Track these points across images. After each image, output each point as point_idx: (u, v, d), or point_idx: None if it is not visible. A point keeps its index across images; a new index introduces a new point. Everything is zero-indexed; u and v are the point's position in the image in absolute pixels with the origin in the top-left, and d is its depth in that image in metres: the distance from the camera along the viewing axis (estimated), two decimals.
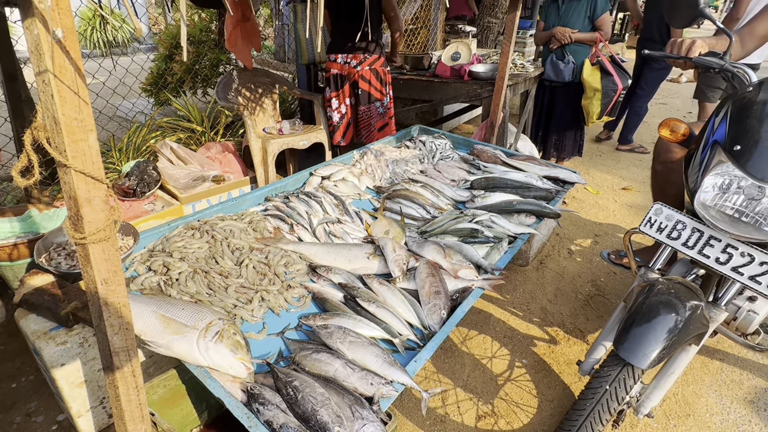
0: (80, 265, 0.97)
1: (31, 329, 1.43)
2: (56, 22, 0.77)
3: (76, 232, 0.92)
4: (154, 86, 4.20)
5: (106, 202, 0.93)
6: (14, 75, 2.25)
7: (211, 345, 1.22)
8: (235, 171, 3.14)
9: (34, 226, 2.17)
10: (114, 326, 1.02)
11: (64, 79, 0.81)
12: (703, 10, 1.27)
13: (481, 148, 2.76)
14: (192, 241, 1.73)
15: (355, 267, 1.76)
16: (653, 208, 1.27)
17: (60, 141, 0.84)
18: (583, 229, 3.07)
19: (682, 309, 1.16)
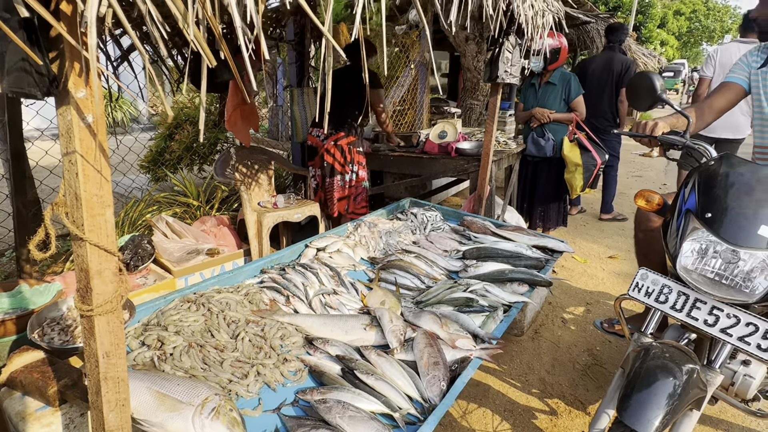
0: (83, 338, 0.98)
1: (15, 410, 1.37)
2: (88, 110, 0.85)
3: (83, 304, 0.94)
4: (152, 163, 4.35)
5: (115, 275, 0.96)
6: (21, 153, 2.34)
7: (207, 422, 1.19)
8: (230, 244, 3.18)
9: (23, 301, 2.14)
10: (111, 402, 1.00)
11: (89, 159, 0.87)
12: (661, 96, 1.44)
13: (470, 219, 2.87)
14: (188, 314, 1.72)
15: (352, 338, 1.75)
16: (639, 273, 1.33)
17: (79, 215, 0.89)
18: (575, 298, 3.10)
19: (679, 373, 1.17)
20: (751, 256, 1.14)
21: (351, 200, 3.34)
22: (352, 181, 3.31)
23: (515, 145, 3.81)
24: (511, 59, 2.74)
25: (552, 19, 2.58)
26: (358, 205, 3.38)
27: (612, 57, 4.36)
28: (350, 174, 3.27)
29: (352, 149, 3.25)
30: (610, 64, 4.32)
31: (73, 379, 1.38)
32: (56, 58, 0.81)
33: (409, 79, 5.37)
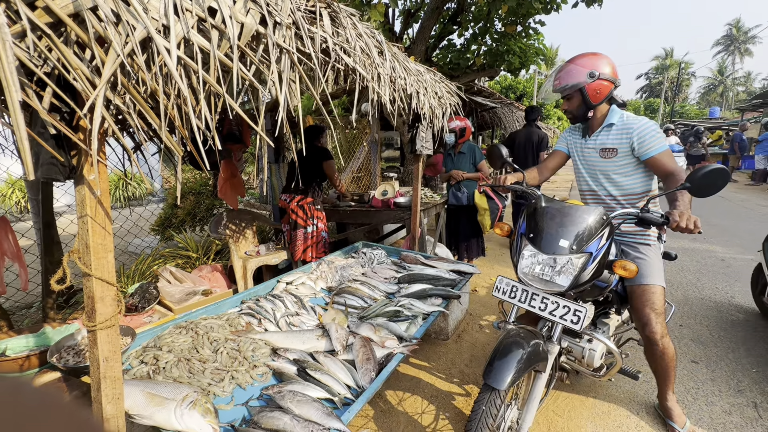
0: (89, 348, 1.09)
1: None
2: (96, 187, 1.03)
3: (89, 322, 1.06)
4: (161, 226, 4.40)
5: (114, 300, 1.09)
6: (51, 223, 2.42)
7: (186, 411, 1.27)
8: (221, 286, 3.24)
9: (47, 340, 2.14)
10: (108, 396, 1.09)
11: (97, 219, 1.03)
12: (507, 160, 1.76)
13: (406, 254, 3.07)
14: (179, 336, 1.80)
15: (307, 347, 1.86)
16: (498, 278, 1.55)
17: (88, 258, 1.03)
18: (490, 309, 3.29)
19: (525, 344, 1.36)
20: (560, 260, 1.37)
21: (314, 247, 3.49)
22: (314, 232, 3.47)
23: (439, 197, 4.12)
24: (425, 136, 3.07)
25: (451, 109, 2.96)
26: (319, 251, 3.53)
27: (531, 131, 4.75)
28: (312, 227, 3.44)
29: (312, 207, 3.45)
30: (530, 136, 4.70)
31: (83, 392, 1.43)
32: (76, 154, 0.99)
33: (363, 153, 5.74)
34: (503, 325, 1.58)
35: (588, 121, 1.87)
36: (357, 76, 1.46)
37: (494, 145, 1.81)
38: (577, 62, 1.73)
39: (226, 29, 1.01)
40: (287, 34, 1.16)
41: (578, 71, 1.72)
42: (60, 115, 0.90)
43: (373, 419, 1.96)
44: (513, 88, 23.05)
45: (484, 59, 5.41)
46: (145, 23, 0.85)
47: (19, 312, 2.95)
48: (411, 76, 2.04)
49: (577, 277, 1.37)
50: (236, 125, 3.40)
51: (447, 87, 2.90)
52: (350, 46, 1.38)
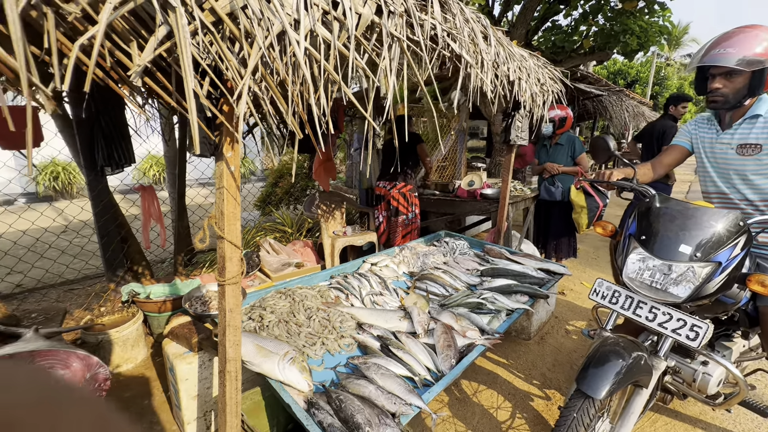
0: (218, 300, 1.29)
1: (171, 351, 1.72)
2: (232, 163, 1.19)
3: (220, 277, 1.25)
4: (262, 203, 4.92)
5: (239, 261, 1.27)
6: (183, 194, 2.87)
7: (287, 366, 1.44)
8: (311, 260, 3.52)
9: (177, 290, 2.58)
10: (231, 341, 1.29)
11: (230, 191, 1.21)
12: (614, 153, 1.57)
13: (490, 247, 2.99)
14: (279, 301, 2.02)
15: (390, 326, 1.95)
16: (596, 282, 1.43)
17: (222, 224, 1.22)
18: (579, 314, 3.05)
19: (627, 356, 1.25)
20: (677, 267, 1.22)
21: (412, 234, 3.58)
22: (414, 218, 3.55)
23: (530, 192, 3.89)
24: (521, 126, 2.91)
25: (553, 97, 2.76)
26: (414, 237, 3.60)
27: (656, 122, 4.29)
28: (411, 213, 3.53)
29: (411, 194, 3.52)
30: (653, 127, 4.26)
31: (207, 336, 1.71)
32: (219, 135, 1.16)
33: (449, 143, 5.65)
34: (599, 332, 1.47)
35: (729, 111, 1.58)
36: (462, 62, 1.44)
37: (600, 136, 1.64)
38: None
39: (345, 20, 1.08)
40: (399, 22, 1.20)
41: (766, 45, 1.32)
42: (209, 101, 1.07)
43: (447, 405, 1.98)
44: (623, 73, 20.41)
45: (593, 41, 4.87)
46: (282, 18, 0.95)
47: (155, 265, 3.58)
48: (514, 61, 1.95)
49: (698, 288, 1.20)
50: (332, 112, 3.61)
51: (550, 73, 2.70)
52: (458, 32, 1.37)
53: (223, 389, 1.29)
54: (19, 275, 3.45)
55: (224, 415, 1.32)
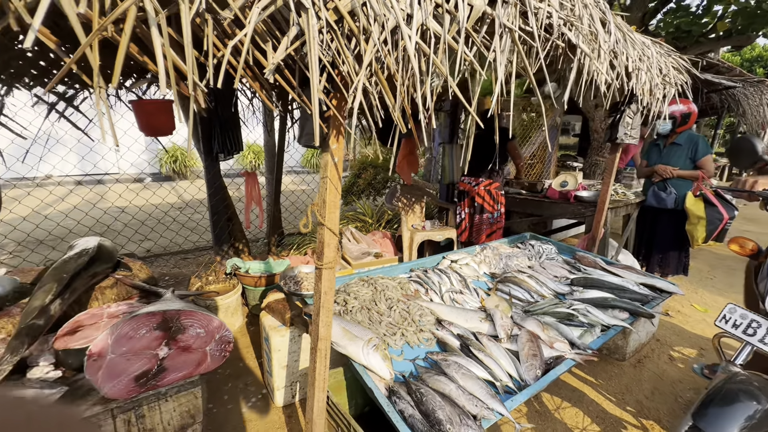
0: (315, 282, 1.38)
1: (267, 323, 1.90)
2: (336, 154, 1.25)
3: (318, 261, 1.34)
4: (344, 192, 5.15)
5: (336, 247, 1.34)
6: (279, 180, 3.13)
7: (370, 351, 1.49)
8: (389, 251, 3.60)
9: (270, 268, 2.83)
10: (323, 321, 1.37)
11: (333, 181, 1.27)
12: (763, 156, 1.30)
13: (582, 254, 2.74)
14: (362, 288, 2.10)
15: (470, 326, 1.90)
16: (727, 307, 1.21)
17: (323, 211, 1.29)
18: (688, 341, 2.66)
19: (762, 398, 1.06)
20: None
21: (496, 234, 3.46)
22: (499, 217, 3.43)
23: (634, 196, 3.47)
24: (631, 123, 2.60)
25: (675, 89, 2.40)
26: (497, 237, 3.47)
27: None
28: (497, 212, 3.40)
29: (498, 192, 3.39)
30: None
31: (298, 313, 1.85)
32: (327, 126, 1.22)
33: (540, 139, 5.28)
34: (724, 366, 1.26)
35: None
36: (577, 53, 1.32)
37: (744, 137, 1.37)
38: None
39: (457, 13, 1.06)
40: (512, 12, 1.14)
41: None
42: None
43: (526, 416, 1.89)
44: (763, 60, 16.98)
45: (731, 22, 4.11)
46: (396, 13, 0.96)
47: (251, 243, 3.98)
48: (635, 50, 1.73)
49: None
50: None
51: (675, 62, 2.35)
52: (575, 20, 1.26)
53: (314, 365, 1.39)
54: (150, 242, 4.10)
55: (313, 389, 1.42)
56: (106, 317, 1.06)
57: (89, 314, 1.07)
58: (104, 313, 1.08)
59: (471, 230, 3.54)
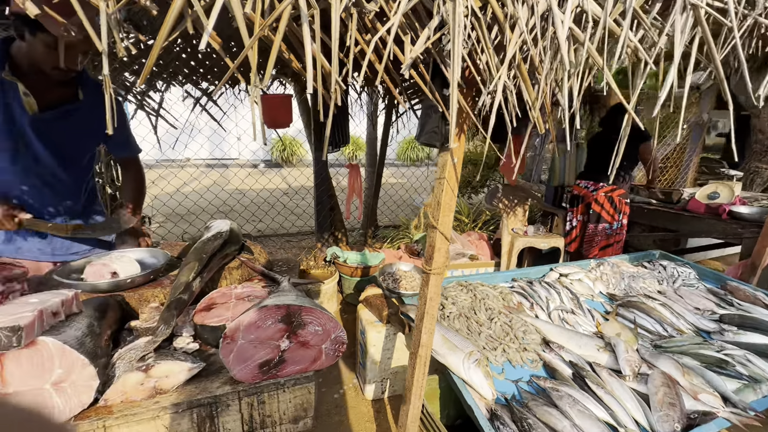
0: (420, 287, 1.32)
1: (365, 318, 1.93)
2: (455, 155, 1.17)
3: (426, 266, 1.28)
4: None
5: (446, 252, 1.27)
6: (380, 175, 3.17)
7: (472, 366, 1.40)
8: (485, 254, 3.40)
9: (366, 260, 2.89)
10: (426, 328, 1.32)
11: (450, 182, 1.19)
12: None
13: (736, 285, 2.22)
14: (460, 293, 2.00)
15: (583, 353, 1.67)
16: None
17: (437, 214, 1.22)
18: None
19: None
20: None
21: (614, 247, 3.02)
22: (619, 229, 3.00)
23: None
24: None
25: None
26: (615, 252, 3.03)
27: None
28: (617, 223, 2.98)
29: (621, 201, 2.96)
30: None
31: (395, 311, 1.83)
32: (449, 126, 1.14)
33: (677, 138, 4.45)
34: None
35: None
36: None
37: None
38: None
39: None
40: None
41: None
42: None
43: None
44: None
45: None
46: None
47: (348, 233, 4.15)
48: None
49: None
50: None
51: None
52: None
53: (412, 371, 1.35)
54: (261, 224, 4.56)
55: (409, 394, 1.38)
56: (234, 298, 1.13)
57: (220, 293, 1.16)
58: (232, 293, 1.16)
59: (582, 240, 3.15)
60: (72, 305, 0.84)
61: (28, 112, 1.34)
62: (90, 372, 0.72)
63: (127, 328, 1.04)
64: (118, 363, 0.81)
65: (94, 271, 1.12)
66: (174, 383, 0.81)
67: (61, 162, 1.48)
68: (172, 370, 0.80)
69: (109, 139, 1.60)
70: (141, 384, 0.78)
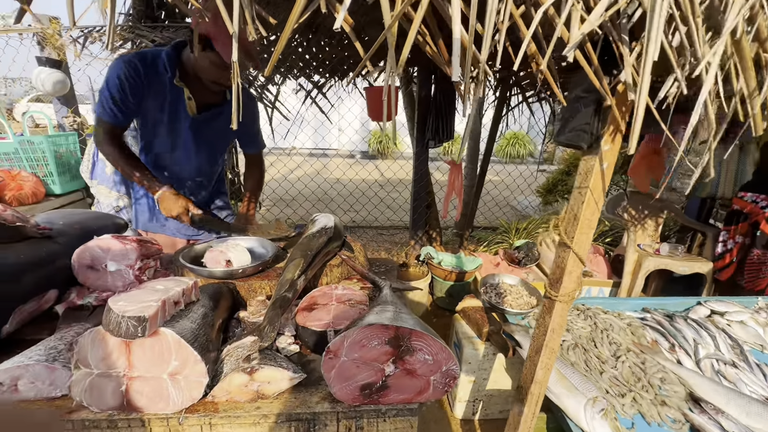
0: (540, 314, 1.12)
1: (460, 329, 1.77)
2: (607, 159, 0.93)
3: (551, 290, 1.07)
4: (545, 191, 4.55)
5: (579, 277, 1.04)
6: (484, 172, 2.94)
7: (597, 417, 1.15)
8: (601, 272, 2.94)
9: (461, 263, 2.71)
10: (543, 363, 1.11)
11: (595, 194, 0.96)
12: None
13: None
14: (577, 319, 1.71)
15: (753, 425, 1.28)
16: None
17: (572, 230, 1.00)
18: None
19: None
20: None
21: None
22: None
23: None
24: None
25: None
26: None
27: None
28: None
29: None
30: None
31: (497, 329, 1.64)
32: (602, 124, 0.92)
33: None
34: None
35: None
36: None
37: None
38: None
39: None
40: None
41: None
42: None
43: None
44: None
45: None
46: None
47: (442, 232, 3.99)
48: None
49: None
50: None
51: None
52: None
53: (520, 409, 1.16)
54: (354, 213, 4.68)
55: None
56: (335, 300, 1.08)
57: (321, 292, 1.12)
58: (333, 294, 1.12)
59: (740, 268, 2.50)
60: (191, 294, 0.87)
61: (189, 113, 1.50)
62: (201, 369, 0.72)
63: (236, 318, 1.06)
64: (226, 359, 0.80)
65: (212, 257, 1.17)
66: (275, 390, 0.78)
67: (205, 157, 1.65)
68: (274, 377, 0.77)
69: (242, 135, 1.75)
70: (245, 386, 0.76)
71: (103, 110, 1.41)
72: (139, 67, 1.39)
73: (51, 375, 0.77)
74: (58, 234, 1.25)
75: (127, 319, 0.65)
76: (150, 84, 1.42)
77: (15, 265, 1.04)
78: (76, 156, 2.88)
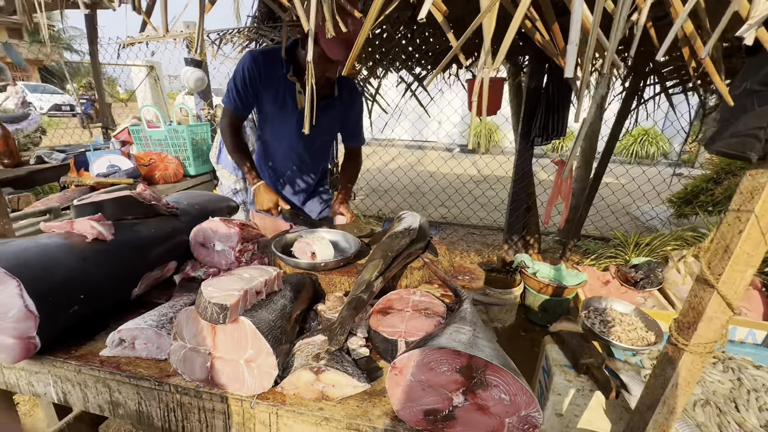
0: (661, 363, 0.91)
1: (551, 355, 1.57)
2: None
3: (679, 335, 0.86)
4: (680, 201, 3.78)
5: (724, 328, 0.81)
6: (600, 174, 2.55)
7: None
8: (755, 309, 2.32)
9: (560, 276, 2.42)
10: (657, 423, 0.91)
11: (761, 221, 0.73)
12: None
13: None
14: (713, 369, 1.37)
15: None
16: None
17: (719, 265, 0.77)
18: None
19: None
20: None
21: None
22: None
23: None
24: None
25: None
26: None
27: None
28: None
29: None
30: None
31: (598, 362, 1.41)
32: None
33: None
34: None
35: None
36: None
37: None
38: None
39: None
40: None
41: None
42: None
43: None
44: None
45: None
46: None
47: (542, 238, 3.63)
48: None
49: None
50: None
51: None
52: None
53: None
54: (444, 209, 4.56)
55: None
56: (411, 307, 1.04)
57: (399, 296, 1.08)
58: (410, 300, 1.07)
59: None
60: (273, 284, 0.90)
61: (298, 107, 1.61)
62: (272, 362, 0.74)
63: (314, 309, 1.09)
64: (297, 354, 0.82)
65: (300, 248, 1.23)
66: (339, 394, 0.77)
67: (311, 149, 1.75)
68: (339, 382, 0.76)
69: (347, 130, 1.81)
70: (311, 384, 0.77)
71: (228, 99, 1.59)
72: (260, 61, 1.52)
73: (158, 340, 0.88)
74: (182, 213, 1.44)
75: (212, 305, 0.70)
76: (267, 77, 1.54)
77: (147, 238, 1.23)
78: (207, 143, 3.35)
